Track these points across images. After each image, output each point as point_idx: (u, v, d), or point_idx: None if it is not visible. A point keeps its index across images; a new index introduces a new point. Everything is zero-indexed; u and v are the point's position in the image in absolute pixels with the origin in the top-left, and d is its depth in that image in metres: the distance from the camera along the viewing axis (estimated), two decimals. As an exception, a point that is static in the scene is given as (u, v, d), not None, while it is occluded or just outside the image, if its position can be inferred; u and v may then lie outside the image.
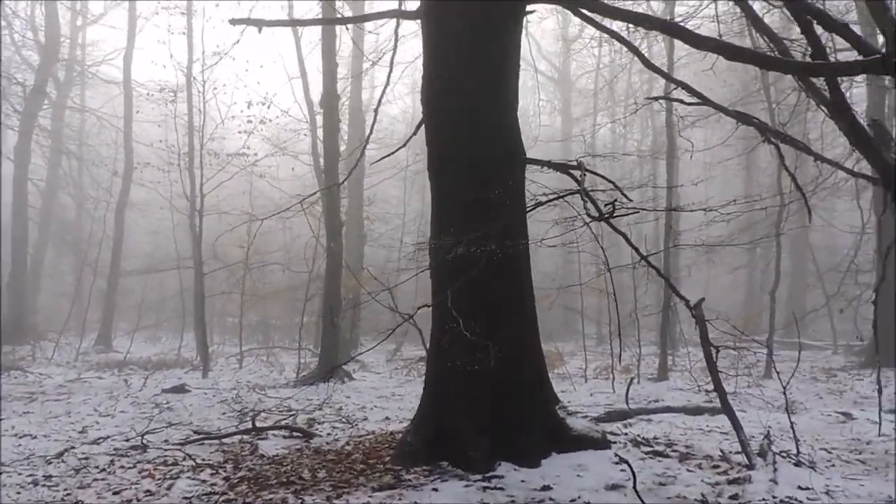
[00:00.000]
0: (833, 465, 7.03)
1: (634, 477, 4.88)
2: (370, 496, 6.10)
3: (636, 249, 7.59)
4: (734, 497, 5.80)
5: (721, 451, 7.33)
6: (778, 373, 8.66)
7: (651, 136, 31.42)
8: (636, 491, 4.81)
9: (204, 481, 6.77)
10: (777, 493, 5.85)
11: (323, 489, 6.36)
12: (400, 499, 6.03)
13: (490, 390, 6.92)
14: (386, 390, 14.83)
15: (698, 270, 28.98)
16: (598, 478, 6.35)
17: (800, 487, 6.03)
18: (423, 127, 7.84)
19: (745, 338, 12.21)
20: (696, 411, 10.76)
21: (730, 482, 6.24)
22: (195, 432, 9.23)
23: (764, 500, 5.66)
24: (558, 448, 6.96)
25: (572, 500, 5.84)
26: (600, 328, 27.20)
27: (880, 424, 9.10)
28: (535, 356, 7.42)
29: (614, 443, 7.38)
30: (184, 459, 7.61)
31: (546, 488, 6.15)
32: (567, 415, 7.28)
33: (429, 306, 7.26)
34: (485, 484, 6.33)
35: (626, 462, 5.26)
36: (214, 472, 7.11)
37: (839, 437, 8.90)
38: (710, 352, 7.46)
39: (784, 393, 8.08)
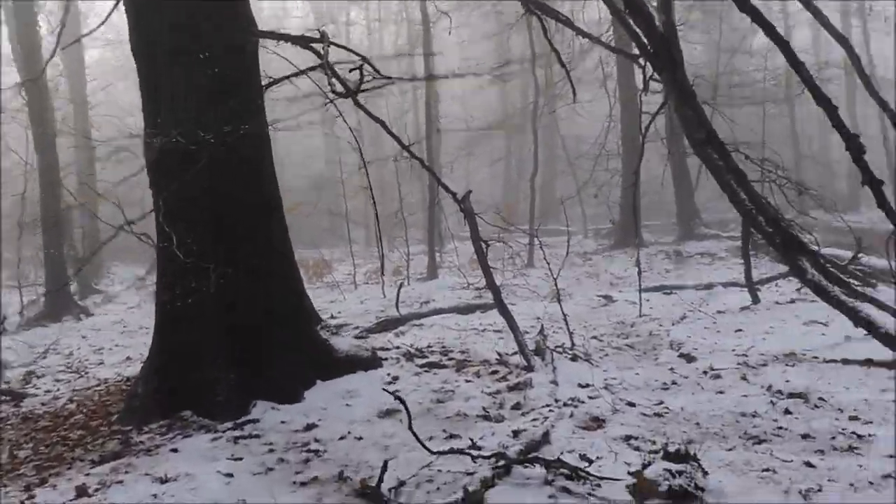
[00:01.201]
0: (607, 355, 6.83)
1: (408, 412, 4.00)
2: (87, 474, 4.62)
3: (397, 138, 6.58)
4: (517, 407, 5.22)
5: (498, 353, 6.81)
6: (548, 263, 8.32)
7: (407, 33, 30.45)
8: (412, 430, 3.93)
9: None
10: (559, 394, 5.37)
11: (23, 474, 4.78)
12: (127, 471, 4.62)
13: (234, 316, 5.65)
14: (133, 324, 12.78)
15: (459, 165, 29.20)
16: (370, 404, 5.45)
17: (580, 385, 5.63)
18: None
19: (512, 228, 12.01)
20: (467, 310, 10.36)
21: (510, 389, 5.68)
22: None
23: (547, 405, 5.13)
24: (324, 374, 5.94)
25: (342, 437, 4.88)
26: (368, 230, 26.55)
27: (640, 306, 9.29)
28: (288, 270, 6.22)
29: (386, 359, 6.53)
30: None
31: (310, 427, 5.13)
32: (331, 334, 6.26)
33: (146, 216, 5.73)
34: (237, 433, 5.15)
35: (400, 400, 4.36)
36: None
37: (605, 322, 8.93)
38: (481, 247, 6.81)
39: (556, 284, 7.73)
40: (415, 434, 3.95)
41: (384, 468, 3.97)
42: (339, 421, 5.18)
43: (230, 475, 4.37)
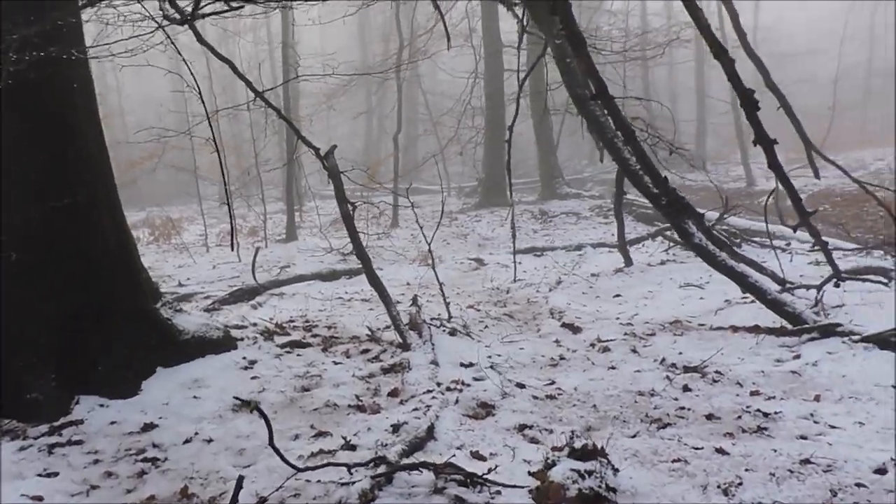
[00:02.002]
0: (486, 327, 6.30)
1: (269, 424, 3.20)
2: None
3: (248, 83, 5.61)
4: (394, 393, 4.56)
5: (369, 329, 6.10)
6: (420, 225, 7.65)
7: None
8: (272, 446, 3.14)
9: None
10: (441, 377, 4.77)
11: None
12: None
13: (48, 293, 4.56)
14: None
15: (320, 119, 27.86)
16: (222, 396, 4.58)
17: (463, 365, 5.05)
18: None
19: (379, 187, 11.28)
20: (332, 276, 9.57)
21: (386, 371, 5.01)
22: None
23: (429, 390, 4.52)
24: (166, 360, 4.97)
25: (187, 440, 4.00)
26: (222, 187, 24.76)
27: (515, 269, 8.89)
28: (119, 240, 5.12)
29: (241, 339, 5.64)
30: None
31: (148, 427, 4.21)
32: (175, 311, 5.27)
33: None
34: (53, 439, 4.13)
35: (261, 412, 3.55)
36: None
37: (480, 289, 8.45)
38: (348, 210, 6.04)
39: (430, 249, 7.10)
40: (276, 450, 3.18)
41: (239, 485, 3.19)
42: (184, 419, 4.29)
43: (39, 499, 3.44)
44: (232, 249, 5.22)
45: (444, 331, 5.90)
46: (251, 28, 25.53)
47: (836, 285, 6.27)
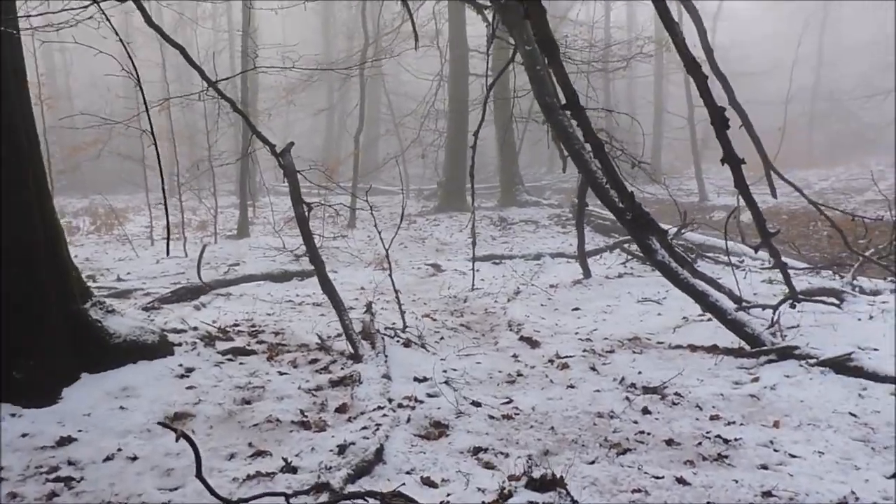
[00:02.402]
0: (443, 338, 6.07)
1: (196, 452, 2.90)
2: None
3: (200, 71, 5.29)
4: (342, 409, 4.30)
5: (319, 337, 5.83)
6: (379, 231, 7.40)
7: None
8: (200, 478, 2.84)
9: None
10: (393, 392, 4.53)
11: None
12: None
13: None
14: None
15: (279, 114, 27.31)
16: (151, 407, 4.27)
17: (417, 379, 4.82)
18: None
19: (334, 187, 10.99)
20: (283, 277, 9.23)
21: (334, 384, 4.75)
22: None
23: (380, 406, 4.28)
24: (93, 366, 4.63)
25: (108, 458, 3.68)
26: (172, 179, 24.06)
27: (473, 278, 8.69)
28: (43, 227, 4.72)
29: (179, 344, 5.31)
30: None
31: (65, 441, 3.86)
32: (106, 313, 4.92)
33: None
34: (-46, 451, 3.78)
35: (187, 438, 3.27)
36: None
37: (437, 297, 8.22)
38: (303, 211, 5.76)
39: (387, 254, 6.85)
40: (204, 482, 2.89)
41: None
42: (107, 432, 3.96)
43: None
44: (167, 252, 4.85)
45: (398, 341, 5.67)
46: (210, 15, 24.88)
47: (793, 306, 6.23)
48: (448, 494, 3.22)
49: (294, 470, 3.48)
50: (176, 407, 4.29)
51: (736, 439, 3.87)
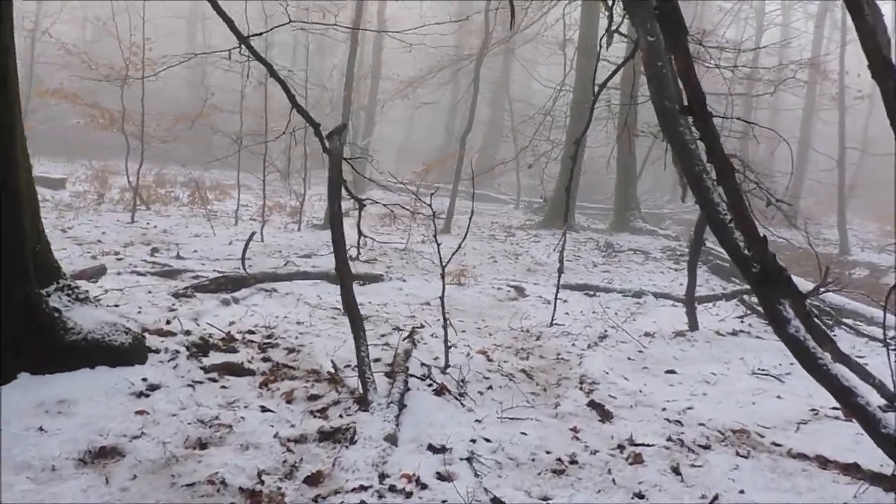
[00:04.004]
0: (490, 388, 4.80)
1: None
2: None
3: (230, 22, 4.32)
4: (314, 480, 3.16)
5: (333, 365, 4.72)
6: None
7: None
8: None
9: None
10: (392, 464, 3.36)
11: None
12: None
13: None
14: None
15: (401, 109, 26.78)
16: (77, 435, 3.28)
17: (431, 448, 3.61)
18: None
19: (418, 187, 9.96)
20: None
21: (323, 437, 3.61)
22: None
23: (364, 487, 3.11)
24: (38, 365, 3.73)
25: (-9, 498, 2.74)
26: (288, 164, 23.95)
27: (554, 310, 7.37)
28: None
29: (156, 351, 4.33)
30: None
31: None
32: (73, 301, 4.02)
33: None
34: None
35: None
36: None
37: (506, 327, 6.95)
38: (339, 208, 4.69)
39: (442, 274, 5.67)
40: None
41: None
42: (7, 465, 3.00)
43: None
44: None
45: (429, 386, 4.47)
46: None
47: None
48: None
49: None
50: (108, 438, 3.29)
51: None
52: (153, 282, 7.30)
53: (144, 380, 3.89)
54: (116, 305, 5.87)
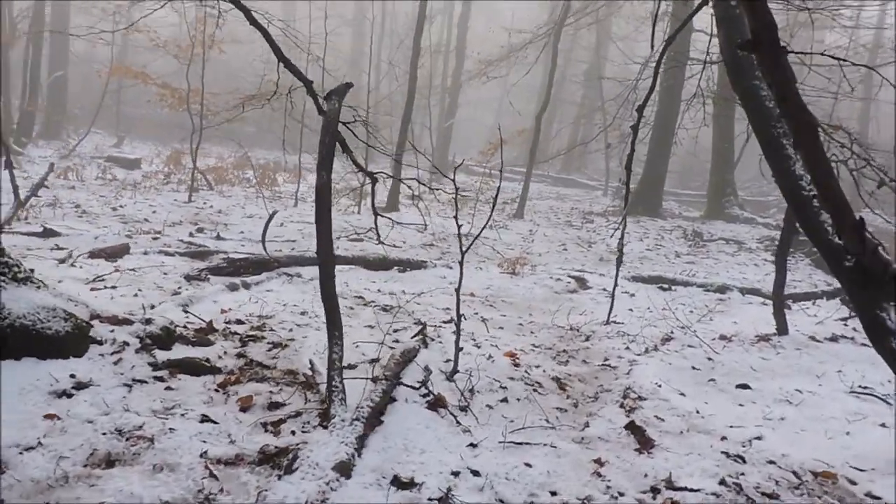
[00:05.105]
0: (503, 401, 3.94)
1: None
2: None
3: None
4: (227, 522, 2.44)
5: (312, 365, 3.98)
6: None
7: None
8: None
9: None
10: (334, 502, 2.58)
11: None
12: None
13: None
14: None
15: (485, 89, 25.85)
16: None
17: (397, 484, 2.81)
18: None
19: (478, 167, 9.11)
20: (380, 264, 7.51)
21: (263, 460, 2.89)
22: None
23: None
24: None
25: None
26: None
27: (612, 306, 6.39)
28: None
29: (101, 342, 3.70)
30: None
31: None
32: (10, 280, 3.46)
33: None
34: None
35: None
36: None
37: (551, 324, 6.04)
38: (325, 179, 3.95)
39: (462, 261, 4.84)
40: None
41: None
42: None
43: None
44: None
45: (423, 397, 3.66)
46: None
47: None
48: None
49: None
50: (10, 443, 2.69)
51: None
52: (178, 262, 6.83)
53: (73, 376, 3.29)
54: (114, 287, 5.38)
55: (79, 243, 7.12)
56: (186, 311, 4.65)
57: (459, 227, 4.54)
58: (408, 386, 3.68)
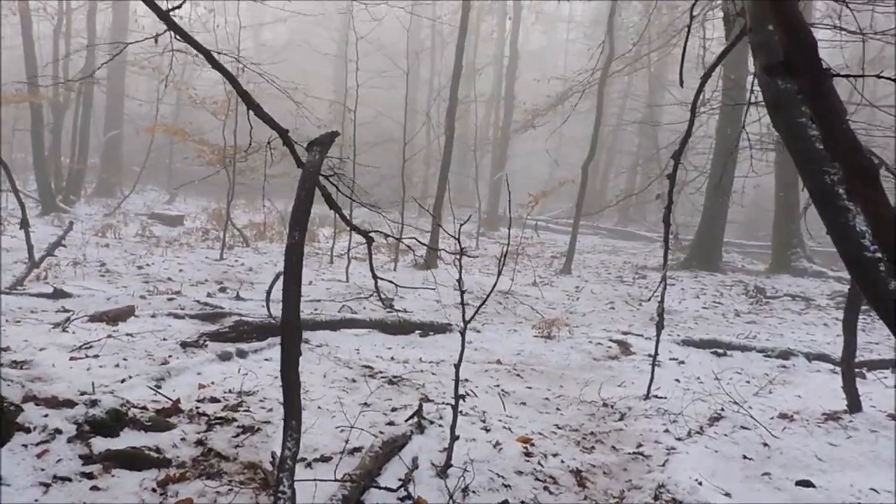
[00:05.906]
0: (496, 491, 3.28)
1: None
2: None
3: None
4: None
5: (273, 458, 3.41)
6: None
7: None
8: None
9: None
10: None
11: None
12: None
13: None
14: None
15: (524, 140, 25.42)
16: None
17: None
18: None
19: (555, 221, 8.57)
20: (399, 329, 6.95)
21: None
22: None
23: None
24: None
25: None
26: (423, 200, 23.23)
27: (652, 378, 5.64)
28: None
29: (29, 430, 3.20)
30: None
31: None
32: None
33: None
34: None
35: None
36: None
37: (581, 400, 5.33)
38: (297, 239, 3.45)
39: (464, 331, 4.24)
40: None
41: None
42: None
43: None
44: None
45: (400, 500, 3.04)
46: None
47: None
48: None
49: None
50: None
51: None
52: (186, 325, 6.44)
53: (-24, 473, 2.81)
54: (97, 356, 4.97)
55: (87, 305, 6.83)
56: (154, 389, 4.17)
57: (462, 293, 3.93)
58: (382, 488, 3.07)
